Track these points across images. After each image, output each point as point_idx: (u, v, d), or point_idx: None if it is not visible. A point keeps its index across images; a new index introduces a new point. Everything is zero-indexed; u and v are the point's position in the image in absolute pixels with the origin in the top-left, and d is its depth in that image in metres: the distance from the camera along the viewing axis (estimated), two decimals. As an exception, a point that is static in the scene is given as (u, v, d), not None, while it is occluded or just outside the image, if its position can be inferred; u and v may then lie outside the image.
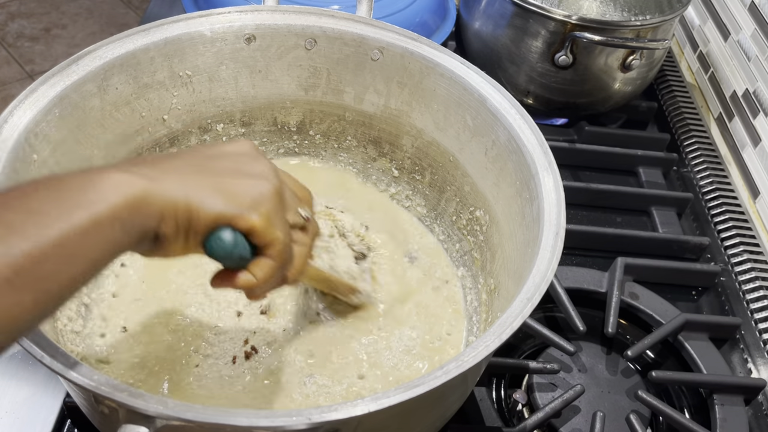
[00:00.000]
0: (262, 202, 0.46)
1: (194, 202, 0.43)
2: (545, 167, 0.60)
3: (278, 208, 0.48)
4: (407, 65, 0.71)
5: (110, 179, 0.39)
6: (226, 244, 0.45)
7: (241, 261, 0.47)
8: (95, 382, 0.43)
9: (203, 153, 0.48)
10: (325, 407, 0.43)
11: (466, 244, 0.74)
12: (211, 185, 0.45)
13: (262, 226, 0.46)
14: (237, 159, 0.48)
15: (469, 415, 0.68)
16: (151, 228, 0.42)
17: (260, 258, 0.48)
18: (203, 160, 0.47)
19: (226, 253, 0.45)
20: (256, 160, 0.49)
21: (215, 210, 0.44)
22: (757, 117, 0.98)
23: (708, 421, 0.72)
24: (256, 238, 0.46)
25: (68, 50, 2.46)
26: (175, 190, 0.42)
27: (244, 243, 0.46)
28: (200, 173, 0.45)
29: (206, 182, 0.45)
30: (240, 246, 0.46)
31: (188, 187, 0.43)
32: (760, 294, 0.84)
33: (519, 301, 0.50)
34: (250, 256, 0.47)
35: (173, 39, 0.67)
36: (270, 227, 0.46)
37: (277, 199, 0.48)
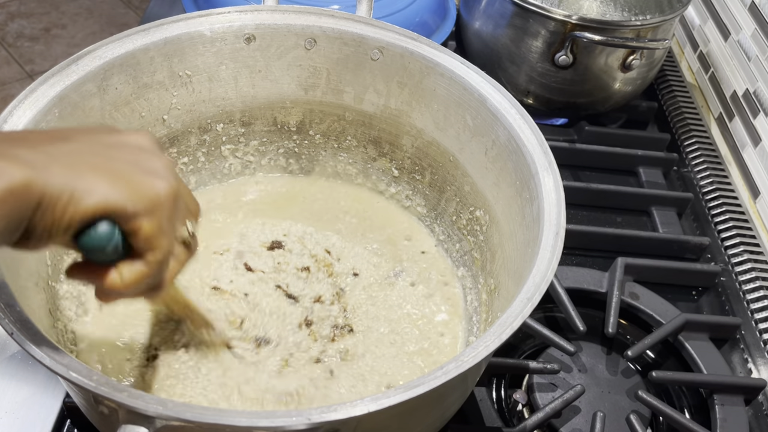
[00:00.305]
0: (156, 204, 0.42)
1: (79, 190, 0.39)
2: (545, 167, 0.60)
3: (171, 214, 0.44)
4: (407, 65, 0.71)
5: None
6: (101, 237, 0.41)
7: (109, 257, 0.43)
8: (95, 383, 0.43)
9: (99, 140, 0.44)
10: (325, 407, 0.43)
11: (466, 244, 0.74)
12: (102, 175, 0.40)
13: (150, 231, 0.42)
14: (135, 152, 0.44)
15: (469, 415, 0.68)
16: (26, 218, 0.38)
17: (134, 261, 0.44)
18: (98, 147, 0.43)
19: (98, 247, 0.41)
20: (155, 155, 0.45)
21: (98, 200, 0.40)
22: (757, 117, 0.98)
23: (708, 421, 0.72)
24: (139, 241, 0.43)
25: (68, 50, 2.46)
26: (60, 179, 0.38)
27: (119, 240, 0.42)
28: (92, 162, 0.41)
29: (97, 172, 0.40)
30: (115, 242, 0.42)
31: (76, 176, 0.39)
32: (760, 294, 0.84)
33: (519, 301, 0.50)
34: (121, 255, 0.43)
35: (173, 39, 0.67)
36: (158, 234, 0.43)
37: (172, 203, 0.44)
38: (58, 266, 0.64)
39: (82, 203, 0.39)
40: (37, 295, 0.58)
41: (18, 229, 0.38)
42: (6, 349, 0.68)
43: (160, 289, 0.48)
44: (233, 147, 0.79)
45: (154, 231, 0.43)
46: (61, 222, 0.39)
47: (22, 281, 0.55)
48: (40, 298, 0.58)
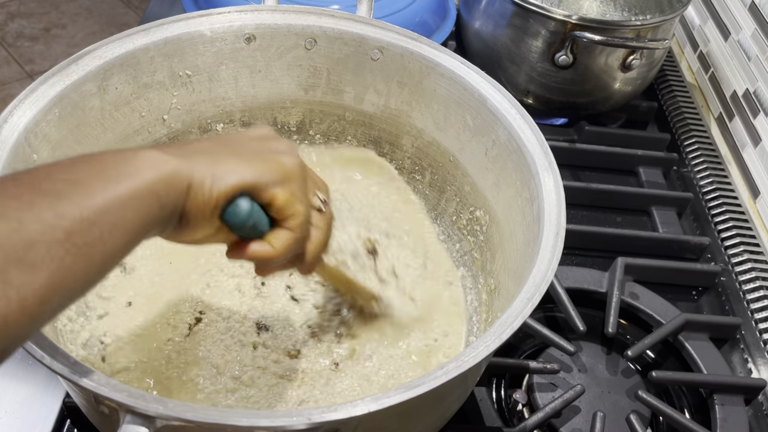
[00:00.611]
0: (286, 175, 0.47)
1: (219, 173, 0.44)
2: (545, 167, 0.60)
3: (301, 183, 0.48)
4: (407, 65, 0.71)
5: (144, 157, 0.41)
6: (241, 211, 0.45)
7: (255, 231, 0.47)
8: (95, 383, 0.43)
9: (227, 137, 0.50)
10: (325, 407, 0.43)
11: (466, 244, 0.74)
12: (236, 160, 0.46)
13: (284, 198, 0.47)
14: (259, 140, 0.49)
15: (469, 415, 0.68)
16: (181, 203, 0.42)
17: (278, 229, 0.48)
18: (228, 142, 0.48)
19: (240, 221, 0.45)
20: (277, 140, 0.50)
21: (236, 178, 0.44)
22: (757, 117, 0.98)
23: (708, 421, 0.72)
24: (276, 210, 0.47)
25: (68, 50, 2.46)
26: (203, 166, 0.44)
27: (261, 213, 0.47)
28: (226, 152, 0.46)
29: (232, 158, 0.46)
30: (256, 215, 0.46)
31: (214, 163, 0.44)
32: (760, 294, 0.84)
33: (519, 301, 0.50)
34: (266, 228, 0.47)
35: (173, 39, 0.67)
36: (292, 199, 0.47)
37: (301, 174, 0.49)
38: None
39: (223, 183, 0.44)
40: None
41: (174, 214, 0.43)
42: (6, 349, 0.68)
43: (313, 255, 0.52)
44: (233, 147, 0.79)
45: (288, 198, 0.47)
46: (208, 203, 0.44)
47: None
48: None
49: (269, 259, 0.48)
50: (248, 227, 0.46)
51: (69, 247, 0.36)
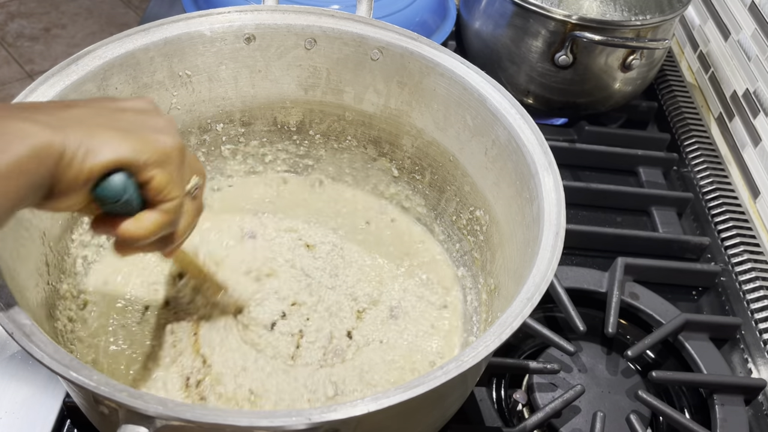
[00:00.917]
0: (165, 156, 0.46)
1: (93, 146, 0.42)
2: (545, 167, 0.60)
3: (179, 166, 0.47)
4: (407, 65, 0.71)
5: (15, 129, 0.39)
6: (115, 187, 0.44)
7: (126, 208, 0.46)
8: (95, 382, 0.43)
9: (104, 105, 0.47)
10: (325, 407, 0.43)
11: (466, 244, 0.74)
12: (113, 133, 0.44)
13: (163, 180, 0.45)
14: (139, 113, 0.47)
15: (469, 415, 0.68)
16: (49, 175, 0.41)
17: (150, 210, 0.47)
18: (104, 111, 0.46)
19: (113, 197, 0.44)
20: (158, 115, 0.48)
21: (112, 153, 0.43)
22: (757, 117, 0.98)
23: (708, 421, 0.72)
24: (153, 191, 0.46)
25: (68, 50, 2.46)
26: (76, 137, 0.42)
27: (135, 191, 0.45)
28: (101, 122, 0.44)
29: (109, 130, 0.44)
30: (130, 192, 0.45)
31: (89, 134, 0.42)
32: (760, 294, 0.84)
33: (519, 301, 0.50)
34: (138, 207, 0.46)
35: (173, 39, 0.67)
36: (170, 183, 0.46)
37: (179, 156, 0.47)
38: (58, 266, 0.64)
39: (98, 157, 0.42)
40: (37, 295, 0.58)
41: (42, 187, 0.41)
42: (6, 349, 0.68)
43: (173, 242, 0.51)
44: (233, 147, 0.79)
45: (165, 180, 0.46)
46: (79, 176, 0.42)
47: (22, 281, 0.55)
48: (40, 298, 0.58)
49: (136, 238, 0.47)
50: (119, 204, 0.45)
51: None
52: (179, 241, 0.52)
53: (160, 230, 0.48)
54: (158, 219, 0.47)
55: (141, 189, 0.46)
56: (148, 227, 0.47)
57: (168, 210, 0.47)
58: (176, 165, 0.47)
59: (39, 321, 0.51)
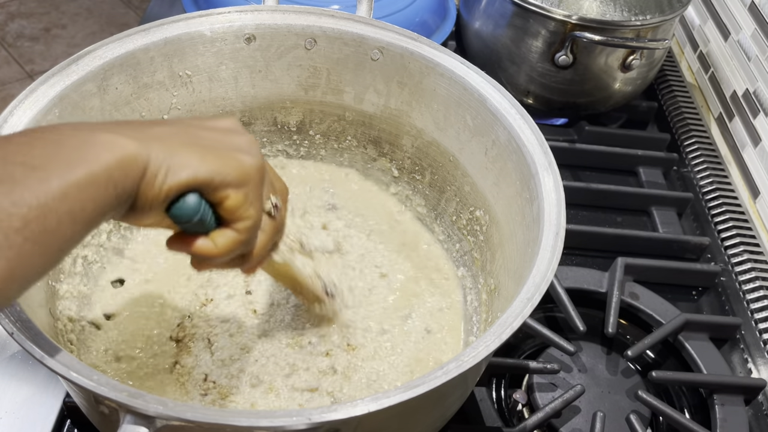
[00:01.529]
0: (243, 176, 0.46)
1: (174, 165, 0.43)
2: (545, 167, 0.60)
3: (257, 186, 0.47)
4: (407, 65, 0.71)
5: (103, 140, 0.40)
6: (188, 208, 0.44)
7: (201, 228, 0.46)
8: (95, 382, 0.43)
9: (189, 123, 0.48)
10: (325, 407, 0.43)
11: (466, 244, 0.74)
12: (193, 151, 0.44)
13: (236, 200, 0.46)
14: (223, 132, 0.48)
15: (469, 415, 0.68)
16: (134, 188, 0.42)
17: (225, 229, 0.47)
18: (190, 129, 0.47)
19: (186, 217, 0.45)
20: (241, 134, 0.48)
21: (189, 174, 0.43)
22: (757, 117, 0.98)
23: (708, 421, 0.72)
24: (226, 211, 0.46)
25: (68, 50, 2.46)
26: (160, 155, 0.42)
27: (208, 211, 0.46)
28: (185, 141, 0.45)
29: (190, 148, 0.44)
30: (203, 213, 0.45)
31: (171, 153, 0.43)
32: (760, 294, 0.84)
33: (519, 301, 0.50)
34: (213, 226, 0.47)
35: (173, 39, 0.67)
36: (244, 202, 0.46)
37: (258, 176, 0.47)
38: (58, 266, 0.64)
39: (176, 177, 0.43)
40: (37, 295, 0.58)
41: (129, 199, 0.42)
42: (6, 349, 0.68)
43: (256, 259, 0.51)
44: (233, 147, 0.79)
45: (240, 200, 0.46)
46: (158, 195, 0.43)
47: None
48: (40, 298, 0.58)
49: (210, 257, 0.47)
50: (193, 224, 0.45)
51: (27, 235, 0.35)
52: (256, 260, 0.52)
53: (234, 250, 0.48)
54: (232, 238, 0.47)
55: (216, 208, 0.46)
56: (221, 247, 0.47)
57: (242, 230, 0.47)
58: (254, 185, 0.47)
59: (39, 321, 0.51)
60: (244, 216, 0.47)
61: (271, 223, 0.51)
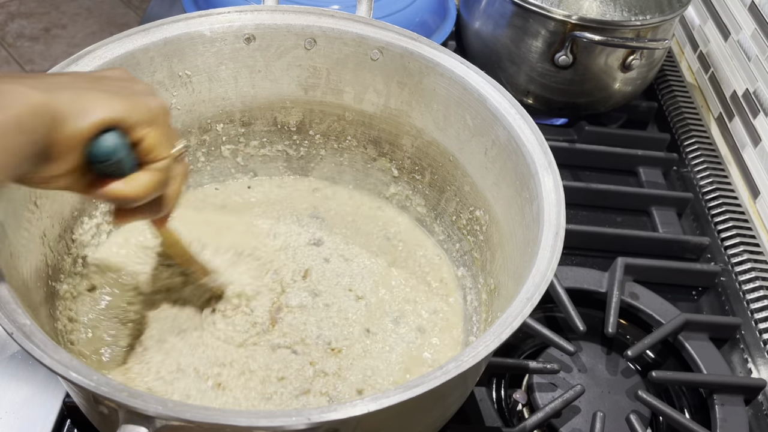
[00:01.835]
0: (153, 116, 0.47)
1: (85, 106, 0.43)
2: (545, 167, 0.60)
3: (167, 126, 0.48)
4: (407, 65, 0.71)
5: (7, 91, 0.40)
6: (109, 145, 0.44)
7: (118, 169, 0.46)
8: (95, 383, 0.43)
9: (83, 74, 0.49)
10: (325, 407, 0.43)
11: (466, 244, 0.74)
12: (103, 95, 0.44)
13: (154, 139, 0.46)
14: (119, 80, 0.48)
15: (469, 415, 0.68)
16: (46, 136, 0.42)
17: (142, 171, 0.47)
18: (87, 77, 0.47)
19: (106, 154, 0.44)
20: (137, 81, 0.49)
21: (105, 112, 0.44)
22: (757, 117, 0.98)
23: (708, 421, 0.72)
24: (145, 150, 0.46)
25: (68, 50, 2.46)
26: (67, 98, 0.43)
27: (128, 150, 0.46)
28: (88, 86, 0.45)
29: (98, 93, 0.45)
30: (122, 152, 0.45)
31: (79, 96, 0.43)
32: (760, 294, 0.84)
33: (519, 301, 0.50)
34: (129, 168, 0.47)
35: (173, 39, 0.67)
36: (162, 142, 0.47)
37: (167, 117, 0.48)
38: (57, 266, 0.64)
39: (91, 116, 0.43)
40: (37, 295, 0.58)
41: (41, 148, 0.42)
42: (6, 349, 0.68)
43: (165, 206, 0.51)
44: (233, 147, 0.79)
45: (157, 139, 0.47)
46: (75, 135, 0.43)
47: (22, 281, 0.55)
48: (40, 297, 0.58)
49: (130, 198, 0.47)
50: (112, 162, 0.45)
51: None
52: (170, 205, 0.52)
53: (153, 190, 0.48)
54: (150, 179, 0.48)
55: (133, 149, 0.46)
56: (141, 186, 0.47)
57: (159, 169, 0.48)
58: (164, 125, 0.48)
59: (39, 321, 0.51)
60: (161, 155, 0.47)
61: (180, 167, 0.52)
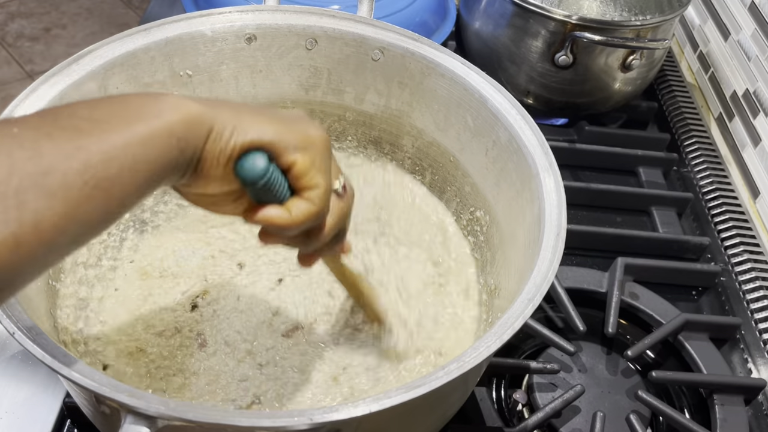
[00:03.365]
0: (309, 143, 0.46)
1: (241, 125, 0.43)
2: (546, 167, 0.60)
3: (325, 156, 0.47)
4: (408, 65, 0.71)
5: (168, 100, 0.41)
6: (256, 166, 0.44)
7: (272, 194, 0.46)
8: (96, 382, 0.43)
9: (255, 105, 0.49)
10: (327, 408, 0.43)
11: (467, 244, 0.74)
12: (261, 118, 0.45)
13: (304, 165, 0.45)
14: (287, 114, 0.48)
15: (469, 415, 0.68)
16: (200, 148, 0.42)
17: (297, 198, 0.47)
18: (256, 107, 0.47)
19: (254, 176, 0.44)
20: (309, 120, 0.49)
21: (257, 133, 0.44)
22: (757, 117, 0.98)
23: (708, 421, 0.72)
24: (296, 176, 0.46)
25: (68, 50, 2.46)
26: (226, 116, 0.43)
27: (279, 175, 0.45)
28: (252, 111, 0.46)
29: (257, 116, 0.45)
30: (271, 174, 0.44)
31: (238, 116, 0.44)
32: (760, 294, 0.84)
33: (520, 301, 0.50)
34: (285, 195, 0.46)
35: (174, 39, 0.67)
36: (313, 168, 0.46)
37: (325, 147, 0.47)
38: (58, 266, 0.64)
39: (243, 136, 0.43)
40: (38, 295, 0.58)
41: (193, 159, 0.42)
42: (6, 349, 0.68)
43: (318, 240, 0.50)
44: (234, 147, 0.79)
45: (308, 165, 0.46)
46: (224, 151, 0.43)
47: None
48: (40, 298, 0.58)
49: (283, 226, 0.47)
50: (261, 185, 0.44)
51: (87, 179, 0.36)
52: (324, 240, 0.51)
53: (306, 221, 0.47)
54: (304, 207, 0.47)
55: (286, 174, 0.46)
56: (294, 214, 0.46)
57: (314, 198, 0.47)
58: (321, 153, 0.47)
59: (39, 321, 0.51)
60: (314, 183, 0.46)
61: (338, 204, 0.50)
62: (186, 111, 0.41)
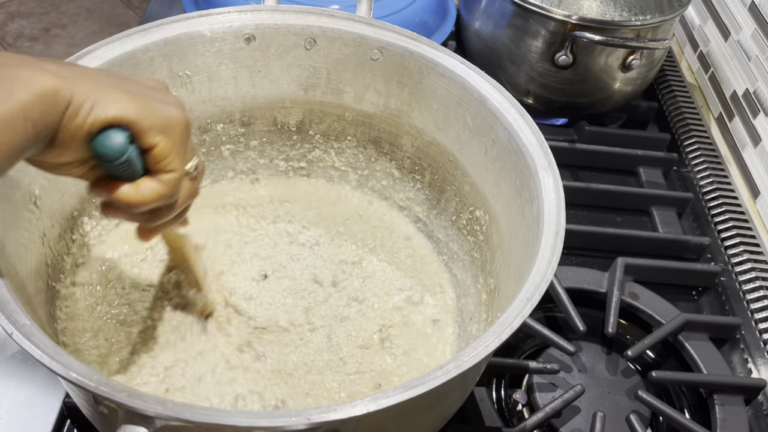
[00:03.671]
0: (170, 126, 0.45)
1: (100, 100, 0.42)
2: (545, 167, 0.60)
3: (183, 140, 0.47)
4: (407, 65, 0.71)
5: (20, 74, 0.40)
6: (115, 143, 0.43)
7: (127, 172, 0.45)
8: (95, 383, 0.43)
9: (117, 74, 0.47)
10: (325, 407, 0.43)
11: (466, 243, 0.74)
12: (122, 94, 0.44)
13: (165, 148, 0.45)
14: (150, 86, 0.47)
15: (468, 415, 0.68)
16: (55, 123, 0.41)
17: (150, 178, 0.46)
18: (115, 76, 0.46)
19: (112, 153, 0.43)
20: (168, 92, 0.48)
21: (118, 109, 0.43)
22: (757, 117, 0.98)
23: (708, 421, 0.72)
24: (155, 158, 0.45)
25: (68, 50, 2.46)
26: (85, 89, 0.42)
27: (137, 154, 0.45)
28: (113, 83, 0.44)
29: (117, 89, 0.44)
30: (130, 154, 0.44)
31: (98, 89, 0.42)
32: (760, 294, 0.84)
33: (519, 301, 0.50)
34: (139, 174, 0.46)
35: (173, 39, 0.67)
36: (173, 153, 0.46)
37: (185, 131, 0.47)
38: (57, 266, 0.64)
39: (103, 111, 0.42)
40: (37, 295, 0.58)
41: (48, 134, 0.41)
42: (6, 349, 0.68)
43: (162, 217, 0.50)
44: (233, 147, 0.79)
45: (168, 149, 0.45)
46: (82, 126, 0.42)
47: (22, 281, 0.55)
48: (40, 298, 0.58)
49: (132, 203, 0.46)
50: (119, 163, 0.44)
51: None
52: (168, 218, 0.51)
53: (156, 200, 0.47)
54: (156, 188, 0.47)
55: (143, 155, 0.45)
56: (146, 194, 0.46)
57: (167, 181, 0.47)
58: (180, 138, 0.46)
59: (39, 321, 0.51)
60: (170, 166, 0.46)
61: (190, 185, 0.51)
62: (41, 87, 0.40)
